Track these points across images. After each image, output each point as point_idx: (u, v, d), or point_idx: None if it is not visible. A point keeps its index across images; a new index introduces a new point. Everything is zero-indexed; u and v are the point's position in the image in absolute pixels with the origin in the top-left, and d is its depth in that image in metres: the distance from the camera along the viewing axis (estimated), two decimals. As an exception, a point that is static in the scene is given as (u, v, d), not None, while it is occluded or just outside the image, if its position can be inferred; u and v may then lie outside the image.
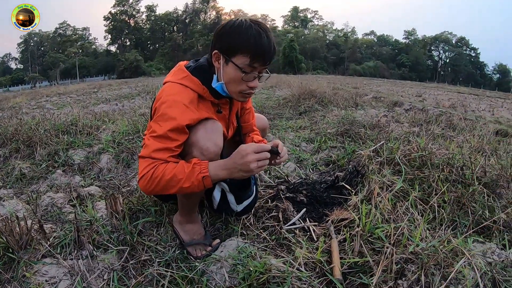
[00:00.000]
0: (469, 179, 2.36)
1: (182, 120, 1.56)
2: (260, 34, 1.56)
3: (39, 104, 11.05)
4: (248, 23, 1.58)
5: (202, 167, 1.54)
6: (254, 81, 1.66)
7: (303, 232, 1.96)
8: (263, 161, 1.55)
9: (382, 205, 1.96)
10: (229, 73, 1.63)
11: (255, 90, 1.74)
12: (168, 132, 1.55)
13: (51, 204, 2.45)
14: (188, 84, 1.66)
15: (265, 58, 1.60)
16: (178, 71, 1.74)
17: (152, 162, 1.56)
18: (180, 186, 1.54)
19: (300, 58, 72.08)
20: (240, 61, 1.58)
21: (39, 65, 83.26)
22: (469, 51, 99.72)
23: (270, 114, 6.44)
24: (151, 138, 1.59)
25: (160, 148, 1.56)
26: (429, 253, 1.54)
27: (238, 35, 1.56)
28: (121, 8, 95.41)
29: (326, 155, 3.37)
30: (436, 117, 5.46)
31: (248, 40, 1.55)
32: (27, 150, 3.62)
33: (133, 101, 9.84)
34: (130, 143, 3.60)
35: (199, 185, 1.54)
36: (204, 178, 1.53)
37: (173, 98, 1.60)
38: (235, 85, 1.65)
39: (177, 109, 1.58)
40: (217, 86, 1.69)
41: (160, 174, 1.53)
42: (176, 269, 1.65)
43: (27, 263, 1.65)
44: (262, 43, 1.56)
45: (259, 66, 1.62)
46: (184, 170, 1.53)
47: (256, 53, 1.57)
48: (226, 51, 1.61)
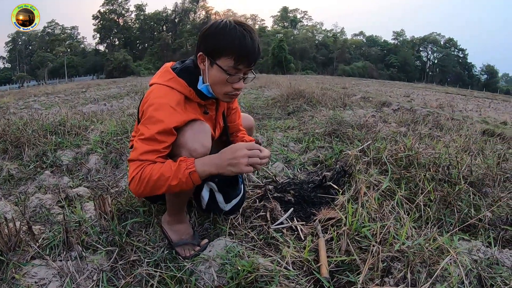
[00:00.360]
0: (455, 178, 2.40)
1: (169, 122, 1.57)
2: (244, 36, 1.56)
3: (27, 104, 10.92)
4: (233, 24, 1.58)
5: (188, 163, 1.55)
6: (239, 82, 1.67)
7: (291, 231, 1.97)
8: (253, 159, 1.56)
9: (368, 204, 1.99)
10: (214, 75, 1.63)
11: (241, 91, 1.75)
12: (156, 135, 1.56)
13: (40, 205, 2.44)
14: (174, 86, 1.67)
15: (249, 60, 1.61)
16: (164, 73, 1.74)
17: (140, 164, 1.57)
18: (168, 185, 1.54)
19: (289, 58, 72.14)
20: (225, 63, 1.59)
21: (27, 64, 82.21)
22: (457, 52, 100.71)
23: (258, 114, 6.46)
24: (139, 141, 1.60)
25: (148, 150, 1.57)
26: (415, 251, 1.56)
27: (223, 37, 1.57)
28: (110, 7, 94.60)
29: (314, 155, 3.39)
30: (423, 117, 5.53)
31: (232, 42, 1.55)
32: (15, 150, 3.59)
33: (121, 101, 9.80)
34: (119, 143, 3.60)
35: (187, 182, 1.55)
36: (191, 174, 1.53)
37: (160, 100, 1.61)
38: (220, 87, 1.66)
39: (164, 111, 1.59)
40: (202, 88, 1.70)
41: (148, 174, 1.53)
42: (165, 269, 1.65)
43: (16, 265, 1.65)
44: (246, 45, 1.56)
45: (244, 68, 1.63)
46: (171, 168, 1.53)
47: (240, 55, 1.57)
48: (210, 53, 1.62)
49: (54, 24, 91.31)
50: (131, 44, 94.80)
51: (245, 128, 2.23)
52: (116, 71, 65.02)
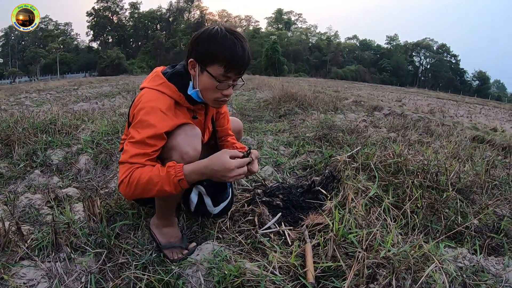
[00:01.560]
0: (443, 185, 2.42)
1: (160, 127, 1.60)
2: (235, 45, 1.59)
3: (18, 100, 10.83)
4: (224, 32, 1.60)
5: (177, 170, 1.56)
6: (229, 89, 1.70)
7: (278, 236, 1.98)
8: (241, 175, 1.63)
9: (356, 211, 2.01)
10: (204, 81, 1.66)
11: (230, 97, 1.78)
12: (146, 139, 1.58)
13: (29, 205, 2.42)
14: (164, 91, 1.69)
15: (239, 68, 1.64)
16: (155, 77, 1.76)
17: (129, 167, 1.59)
18: (157, 189, 1.56)
19: (282, 60, 72.37)
20: (215, 70, 1.62)
21: (19, 59, 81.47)
22: (449, 57, 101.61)
23: (250, 116, 6.48)
24: (129, 144, 1.62)
25: (137, 154, 1.59)
26: (400, 258, 1.57)
27: (214, 45, 1.59)
28: (105, 4, 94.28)
29: (303, 159, 3.40)
30: (414, 122, 5.58)
31: (223, 51, 1.58)
32: (5, 149, 3.56)
33: (113, 100, 9.75)
34: (109, 143, 3.59)
35: (176, 188, 1.58)
36: (180, 181, 1.56)
37: (150, 104, 1.63)
38: (210, 93, 1.69)
39: (155, 115, 1.61)
40: (192, 93, 1.72)
41: (137, 178, 1.56)
42: (152, 272, 1.66)
43: (4, 265, 1.64)
44: (237, 54, 1.59)
45: (234, 75, 1.66)
46: (159, 174, 1.55)
47: (231, 64, 1.60)
48: (201, 60, 1.64)
49: (47, 20, 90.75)
50: (125, 42, 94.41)
51: (234, 131, 2.26)
52: (108, 69, 64.70)
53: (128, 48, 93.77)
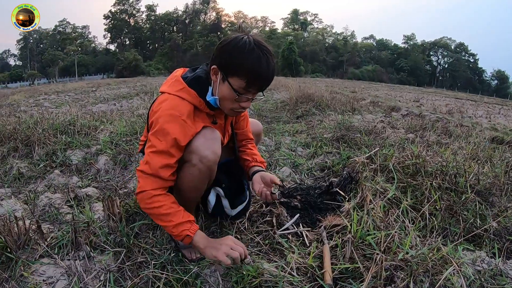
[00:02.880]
0: (462, 187, 2.38)
1: (181, 137, 1.59)
2: (261, 60, 1.53)
3: (38, 102, 11.03)
4: (252, 45, 1.54)
5: (192, 229, 1.61)
6: (247, 102, 1.66)
7: (296, 237, 1.99)
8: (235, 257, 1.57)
9: (374, 212, 1.99)
10: (224, 91, 1.62)
11: (247, 109, 1.76)
12: (170, 149, 1.58)
13: (49, 205, 2.47)
14: (185, 97, 1.66)
15: (261, 85, 1.61)
16: (175, 82, 1.73)
17: (163, 183, 1.63)
18: (166, 225, 1.61)
19: (299, 61, 72.33)
20: (237, 83, 1.57)
21: (38, 62, 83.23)
22: (467, 56, 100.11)
23: (267, 117, 6.47)
24: (152, 154, 1.60)
25: (163, 165, 1.59)
26: (418, 260, 1.56)
27: (239, 57, 1.53)
28: (121, 7, 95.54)
29: (321, 161, 3.39)
30: (432, 123, 5.50)
31: (247, 65, 1.53)
32: (25, 149, 3.63)
33: (131, 101, 9.84)
34: (128, 144, 3.63)
35: (178, 236, 1.61)
36: (186, 237, 1.60)
37: (171, 112, 1.60)
38: (228, 103, 1.66)
39: (176, 124, 1.59)
40: (211, 100, 1.69)
41: (160, 205, 1.58)
42: (171, 272, 1.67)
43: (25, 262, 1.68)
44: (261, 71, 1.54)
45: (254, 91, 1.62)
46: (179, 217, 1.60)
47: (254, 80, 1.56)
48: (224, 69, 1.59)
49: (65, 23, 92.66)
50: (142, 44, 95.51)
51: (253, 134, 2.22)
52: (126, 70, 65.45)
53: (145, 50, 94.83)
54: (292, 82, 16.78)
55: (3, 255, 1.72)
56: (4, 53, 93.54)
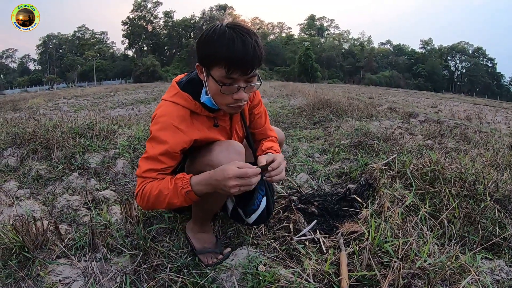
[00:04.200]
0: (481, 195, 2.34)
1: (173, 144, 1.55)
2: (234, 41, 1.38)
3: (57, 105, 11.20)
4: (223, 29, 1.42)
5: (184, 182, 1.50)
6: (239, 93, 1.51)
7: (313, 243, 1.97)
8: (245, 187, 1.43)
9: (392, 220, 1.97)
10: (211, 86, 1.52)
11: (244, 102, 1.57)
12: (159, 156, 1.55)
13: (67, 206, 2.51)
14: (178, 101, 1.61)
15: (242, 67, 1.43)
16: (170, 87, 1.69)
17: (143, 180, 1.57)
18: (168, 202, 1.52)
19: (315, 67, 72.19)
20: (218, 73, 1.45)
21: (57, 67, 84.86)
22: (486, 61, 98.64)
23: (284, 123, 6.46)
24: (143, 159, 1.59)
25: (149, 169, 1.56)
26: (436, 269, 1.55)
27: (212, 44, 1.42)
28: (139, 13, 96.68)
29: (339, 167, 3.37)
30: (450, 129, 5.42)
31: (220, 50, 1.40)
32: (44, 151, 3.70)
33: (149, 106, 9.95)
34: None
35: (185, 200, 1.52)
36: (187, 193, 1.49)
37: (163, 119, 1.57)
38: (220, 99, 1.54)
39: (168, 132, 1.56)
40: (205, 100, 1.61)
41: (148, 191, 1.53)
42: (187, 275, 1.68)
43: (42, 262, 1.71)
44: (235, 51, 1.38)
45: (239, 77, 1.46)
46: (168, 186, 1.51)
47: (231, 64, 1.41)
48: (204, 63, 1.50)
49: (84, 29, 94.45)
50: (159, 50, 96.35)
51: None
52: (144, 76, 66.10)
53: (163, 56, 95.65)
54: (309, 88, 16.79)
55: (20, 255, 1.77)
56: (24, 57, 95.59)
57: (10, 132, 4.35)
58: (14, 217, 2.26)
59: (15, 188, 2.93)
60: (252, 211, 1.74)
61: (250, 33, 1.43)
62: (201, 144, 1.67)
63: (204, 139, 1.66)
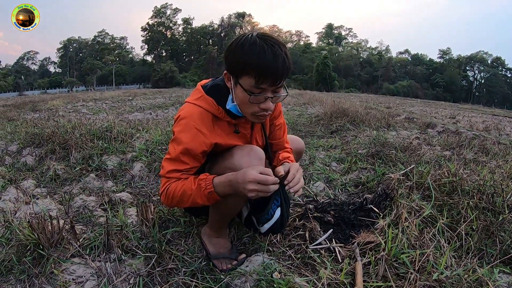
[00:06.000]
0: (499, 207, 2.29)
1: (193, 146, 1.58)
2: (264, 52, 1.40)
3: (75, 108, 11.39)
4: (253, 39, 1.44)
5: (207, 183, 1.53)
6: (266, 102, 1.53)
7: (329, 252, 1.95)
8: (262, 193, 1.44)
9: (409, 231, 1.94)
10: (238, 94, 1.54)
11: (269, 111, 1.59)
12: (180, 156, 1.59)
13: (83, 206, 2.55)
14: (202, 105, 1.63)
15: (272, 78, 1.45)
16: (195, 91, 1.72)
17: (167, 180, 1.62)
18: (191, 201, 1.57)
19: (333, 76, 72.11)
20: (247, 82, 1.47)
21: (76, 70, 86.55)
22: (505, 71, 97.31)
23: (301, 131, 6.43)
24: (166, 160, 1.64)
25: (172, 170, 1.61)
26: (453, 281, 1.52)
27: (242, 54, 1.44)
28: (159, 20, 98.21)
29: (356, 176, 3.34)
30: (469, 140, 5.34)
31: (251, 60, 1.42)
32: (62, 152, 3.77)
33: (166, 111, 10.01)
34: (163, 152, 3.69)
35: (208, 200, 1.56)
36: (210, 193, 1.53)
37: (186, 121, 1.60)
38: (246, 107, 1.56)
39: (189, 133, 1.59)
40: (231, 108, 1.63)
41: (172, 190, 1.59)
42: (201, 280, 1.68)
43: (56, 260, 1.73)
44: (266, 62, 1.40)
45: (268, 87, 1.48)
46: (191, 187, 1.55)
47: (261, 74, 1.42)
48: (233, 72, 1.52)
49: (104, 34, 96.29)
50: (178, 56, 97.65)
51: (295, 152, 2.12)
52: (162, 81, 66.99)
53: (181, 62, 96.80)
54: (327, 96, 16.74)
55: (35, 252, 1.79)
56: (44, 60, 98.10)
57: (29, 132, 4.44)
58: (30, 215, 2.31)
59: (32, 186, 2.98)
60: (265, 220, 1.74)
61: (280, 44, 1.45)
62: (222, 149, 1.70)
63: (224, 144, 1.68)
